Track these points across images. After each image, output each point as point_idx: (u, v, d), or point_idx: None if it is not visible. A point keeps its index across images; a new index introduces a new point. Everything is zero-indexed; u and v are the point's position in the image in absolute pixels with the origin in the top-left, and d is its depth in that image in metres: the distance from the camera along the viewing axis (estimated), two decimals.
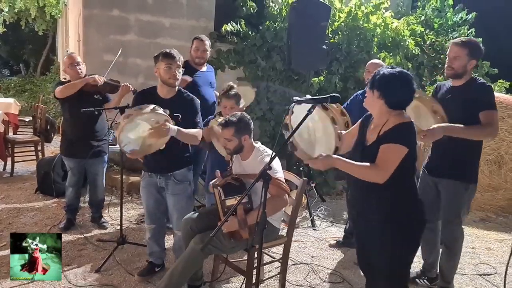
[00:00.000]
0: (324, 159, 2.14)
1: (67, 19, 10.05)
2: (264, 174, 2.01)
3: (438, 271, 3.28)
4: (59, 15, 11.40)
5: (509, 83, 6.44)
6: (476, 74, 6.73)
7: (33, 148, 6.19)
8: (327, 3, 5.54)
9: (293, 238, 4.20)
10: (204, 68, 4.24)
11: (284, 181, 2.72)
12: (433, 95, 3.06)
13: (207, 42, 4.17)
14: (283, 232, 3.15)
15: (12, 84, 15.02)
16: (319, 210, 5.15)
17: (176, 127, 2.85)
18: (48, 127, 6.39)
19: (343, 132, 2.39)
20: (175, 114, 2.93)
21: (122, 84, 3.85)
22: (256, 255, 3.34)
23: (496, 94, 5.84)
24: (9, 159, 6.07)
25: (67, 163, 4.08)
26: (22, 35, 17.05)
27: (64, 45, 10.71)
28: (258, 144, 2.92)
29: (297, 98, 2.24)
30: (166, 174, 3.07)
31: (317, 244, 4.19)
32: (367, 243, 2.36)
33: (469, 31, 7.06)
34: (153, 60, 3.00)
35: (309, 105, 2.11)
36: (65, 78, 4.09)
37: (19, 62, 19.15)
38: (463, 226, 3.11)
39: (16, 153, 6.02)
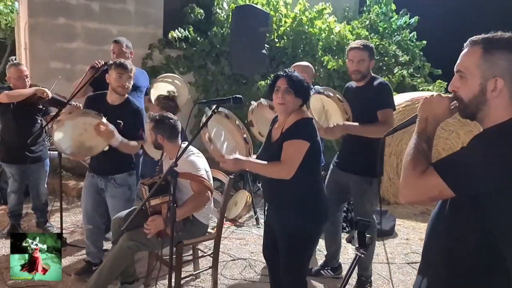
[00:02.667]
0: (234, 160, 2.27)
1: (19, 27, 9.95)
2: (171, 170, 2.15)
3: (339, 260, 3.55)
4: (12, 24, 11.28)
5: (446, 83, 6.78)
6: (418, 75, 7.09)
7: None
8: (265, 10, 5.74)
9: (236, 236, 4.42)
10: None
11: (206, 179, 2.85)
12: (344, 95, 3.26)
13: (125, 44, 3.96)
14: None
15: None
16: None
17: (120, 137, 2.98)
18: None
19: None
20: (117, 121, 3.05)
21: (74, 104, 3.84)
22: (190, 251, 3.50)
23: (434, 93, 6.20)
24: None
25: (7, 170, 4.10)
26: None
27: (22, 52, 10.59)
28: (185, 144, 3.05)
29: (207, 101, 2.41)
30: (106, 177, 3.18)
31: (259, 240, 4.34)
32: (275, 231, 2.48)
33: (411, 35, 7.41)
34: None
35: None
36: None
37: None
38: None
39: None
